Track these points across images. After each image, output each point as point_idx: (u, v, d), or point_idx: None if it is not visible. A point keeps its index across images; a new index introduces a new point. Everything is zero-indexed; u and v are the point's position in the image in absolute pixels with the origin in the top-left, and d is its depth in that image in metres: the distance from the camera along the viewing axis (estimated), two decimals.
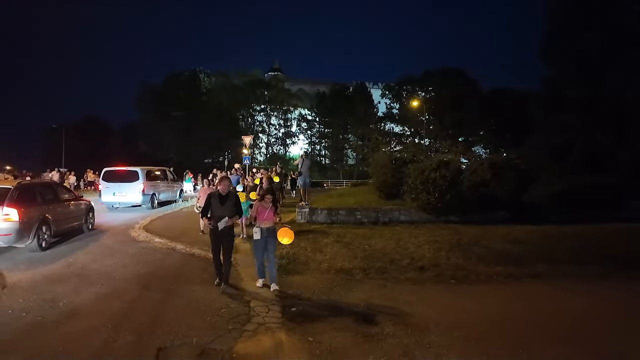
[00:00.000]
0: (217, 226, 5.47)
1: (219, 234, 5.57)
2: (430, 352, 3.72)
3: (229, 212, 5.53)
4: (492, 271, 6.98)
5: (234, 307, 4.85)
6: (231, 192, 5.83)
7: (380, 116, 62.36)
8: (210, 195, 5.74)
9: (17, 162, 52.32)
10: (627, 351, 3.82)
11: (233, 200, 5.65)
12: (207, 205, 5.68)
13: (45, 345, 3.69)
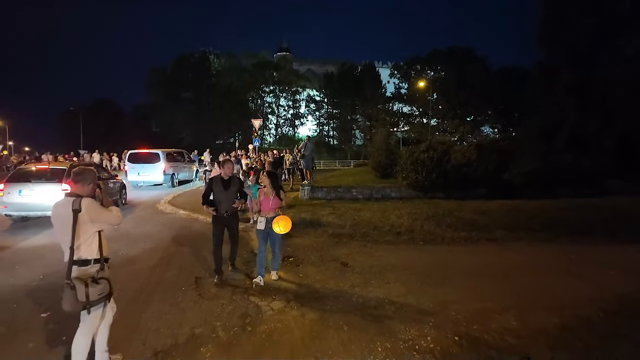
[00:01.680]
0: (222, 213, 5.29)
1: (224, 221, 5.37)
2: (382, 280, 5.35)
3: (233, 197, 5.31)
4: (456, 236, 8.55)
5: (246, 257, 6.52)
6: (234, 176, 5.57)
7: (389, 96, 62.77)
8: (212, 180, 5.47)
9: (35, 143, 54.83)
10: (520, 283, 5.37)
11: (237, 185, 5.40)
12: (209, 190, 5.39)
13: (119, 278, 5.38)
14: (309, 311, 4.31)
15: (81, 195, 2.80)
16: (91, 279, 2.71)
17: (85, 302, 2.65)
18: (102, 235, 2.89)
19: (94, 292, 2.67)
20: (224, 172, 5.35)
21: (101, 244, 2.86)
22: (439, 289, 5.08)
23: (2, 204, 8.76)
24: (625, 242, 8.05)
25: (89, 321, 2.82)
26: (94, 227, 2.80)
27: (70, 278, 2.67)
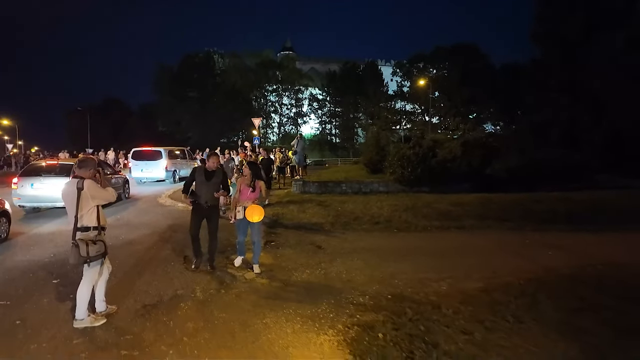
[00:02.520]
0: (201, 203, 5.33)
1: (203, 212, 5.39)
2: (347, 258, 6.12)
3: (214, 189, 5.35)
4: (429, 224, 9.30)
5: (232, 241, 7.32)
6: (219, 169, 5.58)
7: (391, 94, 63.22)
8: (196, 170, 5.52)
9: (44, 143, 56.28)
10: (468, 261, 6.10)
11: (220, 178, 5.45)
12: (191, 180, 5.44)
13: (119, 255, 6.21)
14: (276, 279, 5.11)
15: (84, 178, 3.61)
16: (91, 240, 3.53)
17: (86, 257, 3.47)
18: (99, 209, 3.71)
19: (92, 250, 3.49)
20: (208, 165, 5.44)
21: (99, 215, 3.67)
22: (393, 264, 5.85)
23: (16, 196, 9.67)
24: (583, 230, 8.74)
25: (89, 274, 3.65)
26: (93, 202, 3.61)
27: (75, 239, 3.49)
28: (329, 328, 3.59)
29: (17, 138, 63.42)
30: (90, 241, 3.52)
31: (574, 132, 20.66)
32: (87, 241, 3.50)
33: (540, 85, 22.93)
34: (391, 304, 4.09)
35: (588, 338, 3.13)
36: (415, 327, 3.41)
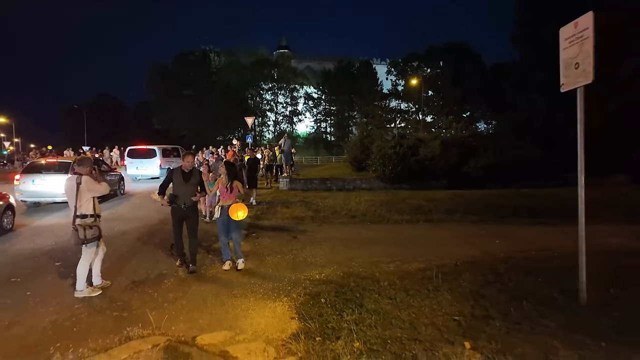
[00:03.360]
0: (179, 204, 5.31)
1: (182, 213, 5.37)
2: (317, 246, 6.90)
3: (192, 190, 5.36)
4: (400, 218, 10.11)
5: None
6: (195, 169, 5.60)
7: (385, 93, 63.93)
8: (173, 171, 5.47)
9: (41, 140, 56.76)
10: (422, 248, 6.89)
11: (197, 178, 5.47)
12: (168, 181, 5.40)
13: (113, 244, 6.97)
14: (250, 262, 5.89)
15: (82, 174, 4.38)
16: (88, 226, 4.31)
17: (84, 239, 4.25)
18: (95, 200, 4.48)
19: (89, 234, 4.27)
20: (184, 165, 5.42)
21: (95, 205, 4.45)
22: (356, 250, 6.65)
23: (18, 192, 10.39)
24: (539, 224, 9.55)
25: (86, 253, 4.43)
26: (89, 194, 4.38)
27: (75, 225, 4.27)
28: (284, 297, 4.39)
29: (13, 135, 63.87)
30: (88, 226, 4.30)
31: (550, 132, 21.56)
32: (85, 226, 4.28)
33: (520, 86, 23.82)
34: (340, 279, 4.89)
35: (483, 301, 3.93)
36: (352, 295, 4.21)
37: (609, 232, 8.21)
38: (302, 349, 3.03)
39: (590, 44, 3.76)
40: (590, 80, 3.86)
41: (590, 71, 3.81)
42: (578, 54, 3.94)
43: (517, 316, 3.56)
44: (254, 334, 3.46)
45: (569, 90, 4.27)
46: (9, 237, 7.56)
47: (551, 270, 5.09)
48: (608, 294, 4.17)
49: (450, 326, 3.40)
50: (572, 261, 5.31)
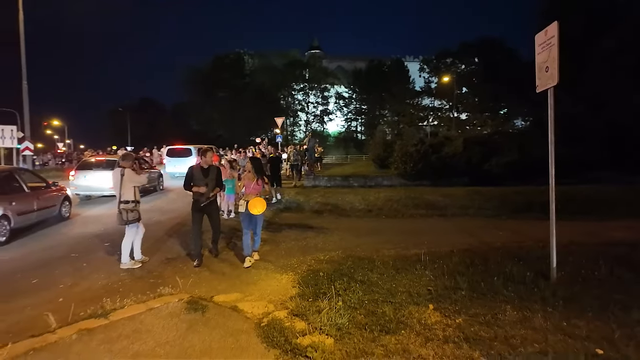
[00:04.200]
0: (200, 200, 5.64)
1: (202, 209, 5.70)
2: (329, 235, 7.60)
3: (212, 186, 5.65)
4: (414, 212, 10.61)
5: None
6: (213, 166, 5.86)
7: (418, 91, 63.27)
8: (192, 168, 5.76)
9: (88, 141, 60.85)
10: (426, 237, 7.39)
11: (214, 174, 5.73)
12: (190, 177, 5.69)
13: (151, 229, 7.98)
14: (266, 246, 6.68)
15: (125, 167, 5.33)
16: (129, 210, 5.25)
17: (125, 220, 5.20)
18: (136, 189, 5.41)
19: (130, 216, 5.21)
20: (203, 161, 5.74)
21: (135, 193, 5.38)
22: (363, 239, 7.29)
23: (73, 186, 11.79)
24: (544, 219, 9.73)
25: (129, 232, 5.38)
26: (130, 184, 5.31)
27: (119, 209, 5.23)
28: (290, 272, 5.13)
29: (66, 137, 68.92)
30: (129, 210, 5.24)
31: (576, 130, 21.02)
32: (127, 210, 5.23)
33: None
34: (341, 259, 5.56)
35: (460, 277, 4.45)
36: (347, 270, 4.87)
37: (619, 227, 8.38)
38: (294, 305, 3.75)
39: (556, 50, 4.22)
40: (555, 82, 4.32)
41: (556, 74, 4.27)
42: (547, 58, 4.39)
43: (484, 289, 4.11)
44: (260, 296, 4.22)
45: (542, 90, 4.69)
46: (67, 224, 8.81)
47: (537, 257, 5.50)
48: (579, 275, 4.59)
49: (421, 293, 4.00)
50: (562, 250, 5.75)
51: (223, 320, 3.50)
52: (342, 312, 3.46)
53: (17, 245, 6.92)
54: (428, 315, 3.48)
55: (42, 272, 5.33)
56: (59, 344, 3.03)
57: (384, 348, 2.91)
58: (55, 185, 9.27)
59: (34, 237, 7.52)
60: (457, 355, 2.80)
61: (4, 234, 6.88)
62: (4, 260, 5.95)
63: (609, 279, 4.47)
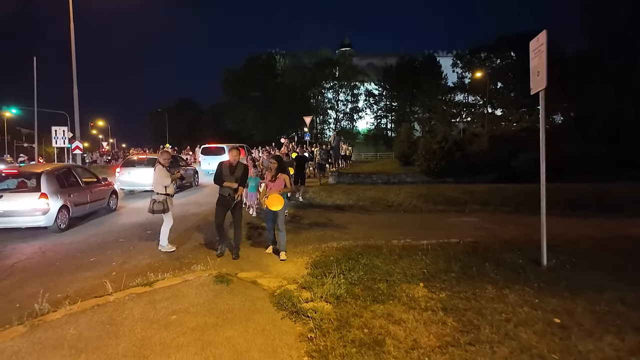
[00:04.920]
0: (225, 196, 5.85)
1: (228, 204, 5.89)
2: (346, 227, 8.17)
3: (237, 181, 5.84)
4: (433, 208, 10.99)
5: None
6: (240, 163, 6.08)
7: (450, 87, 62.09)
8: (222, 164, 6.04)
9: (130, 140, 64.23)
10: (438, 230, 7.82)
11: (241, 171, 5.93)
12: (219, 173, 5.94)
13: (185, 220, 8.90)
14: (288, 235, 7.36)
15: (160, 163, 6.17)
16: (157, 201, 6.07)
17: (152, 210, 6.04)
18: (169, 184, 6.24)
19: (156, 207, 6.01)
20: (230, 159, 6.01)
21: (165, 188, 6.19)
22: (378, 231, 7.82)
23: (118, 182, 13.04)
24: (572, 216, 9.91)
25: (167, 220, 6.23)
26: (156, 179, 6.14)
27: (153, 198, 6.09)
28: (306, 256, 5.78)
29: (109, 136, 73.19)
30: (156, 202, 6.05)
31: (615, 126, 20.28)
32: (154, 201, 6.06)
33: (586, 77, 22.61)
34: (352, 247, 6.14)
35: (455, 263, 4.94)
36: (355, 255, 5.46)
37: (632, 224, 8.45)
38: (303, 281, 4.40)
39: (544, 56, 4.60)
40: (544, 86, 4.70)
41: (544, 79, 4.66)
42: (538, 63, 4.77)
43: (474, 272, 4.58)
44: (277, 275, 4.90)
45: (535, 93, 5.07)
46: (114, 215, 9.93)
47: (538, 248, 5.85)
48: (569, 262, 4.94)
49: (416, 274, 4.54)
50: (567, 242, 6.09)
51: (244, 290, 4.21)
52: (342, 286, 4.07)
53: (74, 231, 8.01)
54: (417, 291, 4.02)
55: (97, 252, 6.29)
56: (115, 302, 3.84)
57: (372, 313, 3.50)
58: (105, 180, 10.43)
59: (88, 225, 8.63)
60: (433, 319, 3.34)
61: (64, 222, 7.98)
62: (66, 243, 7.01)
63: (597, 266, 4.80)
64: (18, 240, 7.23)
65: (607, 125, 20.13)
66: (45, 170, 8.06)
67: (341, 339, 3.03)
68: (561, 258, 5.15)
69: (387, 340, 2.98)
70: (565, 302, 3.66)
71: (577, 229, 8.07)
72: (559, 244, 5.97)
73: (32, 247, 6.76)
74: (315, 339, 3.07)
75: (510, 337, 2.99)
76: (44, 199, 7.50)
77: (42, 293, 4.00)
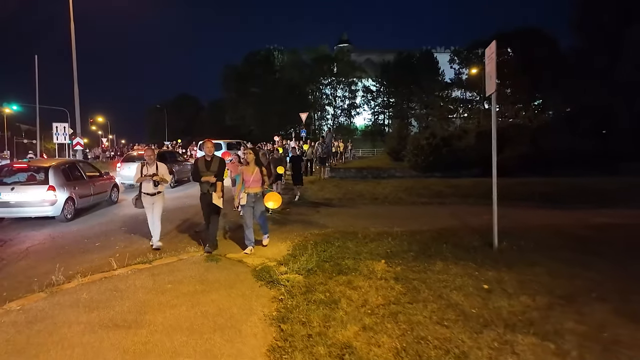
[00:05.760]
0: (204, 190, 5.81)
1: (207, 198, 5.81)
2: (332, 217, 8.84)
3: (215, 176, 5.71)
4: (417, 200, 11.67)
5: None
6: (216, 157, 5.96)
7: (447, 83, 62.53)
8: (197, 160, 5.96)
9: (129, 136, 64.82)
10: (416, 220, 8.47)
11: (217, 165, 5.81)
12: (196, 168, 5.93)
13: (188, 211, 9.56)
14: (275, 224, 8.04)
15: (161, 162, 6.82)
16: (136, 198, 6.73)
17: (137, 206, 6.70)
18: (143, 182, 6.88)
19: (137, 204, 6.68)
20: (206, 153, 5.93)
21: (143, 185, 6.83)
22: (360, 220, 8.48)
23: (119, 176, 13.71)
24: (546, 207, 10.58)
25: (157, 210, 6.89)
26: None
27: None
28: (289, 240, 6.44)
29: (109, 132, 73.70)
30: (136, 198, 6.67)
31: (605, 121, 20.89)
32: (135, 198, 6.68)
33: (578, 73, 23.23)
34: (332, 233, 6.82)
35: (417, 244, 5.62)
36: (332, 239, 6.13)
37: (599, 214, 9.12)
38: (282, 259, 5.09)
39: (494, 63, 5.25)
40: (494, 90, 5.36)
41: (494, 84, 5.31)
42: (490, 70, 5.42)
43: (432, 252, 5.26)
44: (260, 256, 5.57)
45: (488, 95, 5.72)
46: (116, 207, 10.61)
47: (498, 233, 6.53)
48: (518, 245, 5.62)
49: (380, 254, 5.22)
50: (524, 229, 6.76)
51: (230, 266, 4.89)
52: (314, 262, 4.75)
53: (80, 221, 8.69)
54: (377, 266, 4.70)
55: (102, 239, 6.98)
56: (120, 275, 4.52)
57: (336, 282, 4.18)
58: (107, 174, 11.09)
59: (92, 216, 9.31)
60: (384, 286, 4.02)
61: (70, 212, 8.65)
62: (73, 231, 7.69)
63: (540, 248, 5.48)
64: (29, 228, 7.91)
65: (596, 120, 20.76)
66: (53, 165, 8.72)
67: (305, 299, 3.71)
68: (512, 241, 5.82)
69: (343, 300, 3.66)
70: (500, 274, 4.34)
71: (543, 218, 8.77)
72: (517, 230, 6.65)
73: (42, 235, 7.44)
74: (285, 300, 3.75)
75: (442, 298, 3.67)
76: (51, 191, 8.17)
77: (57, 268, 4.68)
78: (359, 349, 2.81)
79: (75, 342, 3.04)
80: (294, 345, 2.90)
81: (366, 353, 2.75)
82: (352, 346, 2.84)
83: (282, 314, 3.43)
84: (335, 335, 3.01)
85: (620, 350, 2.76)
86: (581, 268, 4.52)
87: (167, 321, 3.37)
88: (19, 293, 4.19)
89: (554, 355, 2.71)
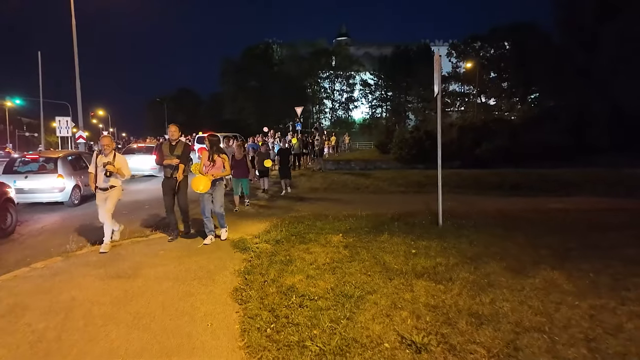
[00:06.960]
0: (167, 175, 5.72)
1: (171, 184, 5.74)
2: (314, 204, 9.80)
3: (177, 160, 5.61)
4: (395, 190, 12.64)
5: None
6: (181, 141, 5.90)
7: (444, 76, 62.98)
8: (161, 144, 5.96)
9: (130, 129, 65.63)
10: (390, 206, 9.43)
11: (181, 149, 5.73)
12: (159, 151, 5.92)
13: None
14: (259, 209, 9.02)
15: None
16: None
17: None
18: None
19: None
20: (169, 136, 5.93)
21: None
22: (339, 206, 9.42)
23: None
24: (512, 195, 11.51)
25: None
26: None
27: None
28: (267, 222, 7.40)
29: (109, 126, 74.57)
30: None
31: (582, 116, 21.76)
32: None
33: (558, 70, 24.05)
34: (306, 215, 7.80)
35: (374, 223, 6.59)
36: (304, 220, 7.11)
37: (553, 201, 10.07)
38: (257, 233, 6.08)
39: (439, 71, 6.18)
40: (437, 93, 6.28)
41: (438, 87, 6.24)
42: (436, 75, 6.36)
43: (383, 228, 6.24)
44: (244, 232, 6.54)
45: (435, 95, 6.65)
46: None
47: (450, 214, 7.50)
48: (459, 224, 6.59)
49: (340, 229, 6.21)
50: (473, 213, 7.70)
51: (214, 240, 5.88)
52: (283, 235, 5.74)
53: (86, 206, 9.68)
54: (335, 238, 5.69)
55: None
56: (122, 244, 5.53)
57: (297, 249, 5.16)
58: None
59: None
60: (334, 251, 5.00)
61: (77, 198, 9.65)
62: (80, 214, 8.69)
63: (477, 226, 6.45)
64: (41, 212, 8.92)
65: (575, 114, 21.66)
66: (61, 156, 9.70)
67: (268, 260, 4.70)
68: (456, 221, 6.79)
69: (297, 261, 4.64)
70: (430, 243, 5.31)
71: (501, 205, 9.70)
72: (469, 214, 7.62)
73: (53, 217, 8.45)
74: (252, 260, 4.75)
75: (375, 259, 4.65)
76: (60, 178, 9.16)
77: (69, 240, 5.68)
78: (300, 288, 3.79)
79: (89, 286, 4.04)
80: (252, 287, 3.89)
81: (304, 290, 3.74)
82: (295, 287, 3.83)
83: (248, 269, 4.42)
84: (284, 282, 4.00)
85: (492, 290, 3.73)
86: (501, 239, 5.49)
87: (158, 274, 4.36)
88: (41, 258, 5.18)
89: (441, 292, 3.69)
